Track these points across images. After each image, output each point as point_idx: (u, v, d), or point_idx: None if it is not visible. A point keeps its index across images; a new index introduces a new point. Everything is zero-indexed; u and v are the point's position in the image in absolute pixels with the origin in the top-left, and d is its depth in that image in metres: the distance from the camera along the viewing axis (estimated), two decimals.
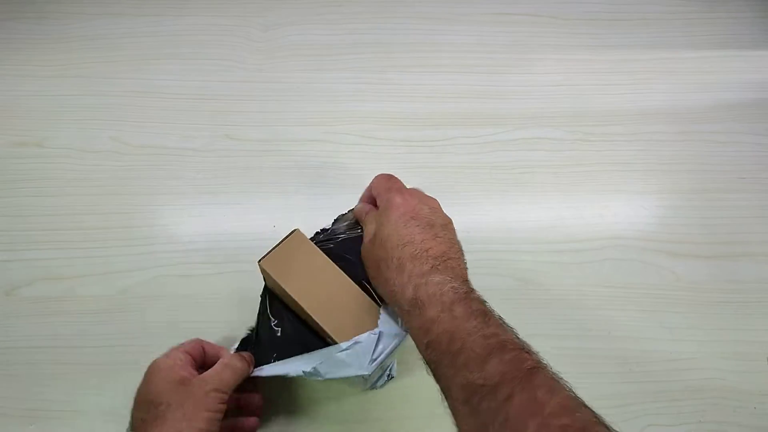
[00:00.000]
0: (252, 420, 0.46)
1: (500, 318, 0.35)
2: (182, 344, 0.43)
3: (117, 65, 0.66)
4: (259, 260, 0.42)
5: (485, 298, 0.37)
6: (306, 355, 0.41)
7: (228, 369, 0.41)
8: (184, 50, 0.67)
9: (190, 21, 0.69)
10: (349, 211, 0.48)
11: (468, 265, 0.40)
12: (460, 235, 0.41)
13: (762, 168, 0.64)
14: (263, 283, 0.46)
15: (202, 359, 0.44)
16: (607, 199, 0.62)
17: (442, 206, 0.43)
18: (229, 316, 0.53)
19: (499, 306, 0.34)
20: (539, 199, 0.61)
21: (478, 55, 0.69)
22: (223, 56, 0.67)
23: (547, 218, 0.60)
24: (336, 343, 0.39)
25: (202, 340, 0.45)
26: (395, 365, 0.50)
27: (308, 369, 0.40)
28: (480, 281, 0.53)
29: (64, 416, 0.51)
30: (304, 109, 0.65)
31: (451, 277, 0.37)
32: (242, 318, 0.48)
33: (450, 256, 0.38)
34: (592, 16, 0.72)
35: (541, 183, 0.62)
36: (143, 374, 0.40)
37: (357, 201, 0.48)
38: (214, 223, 0.58)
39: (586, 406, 0.30)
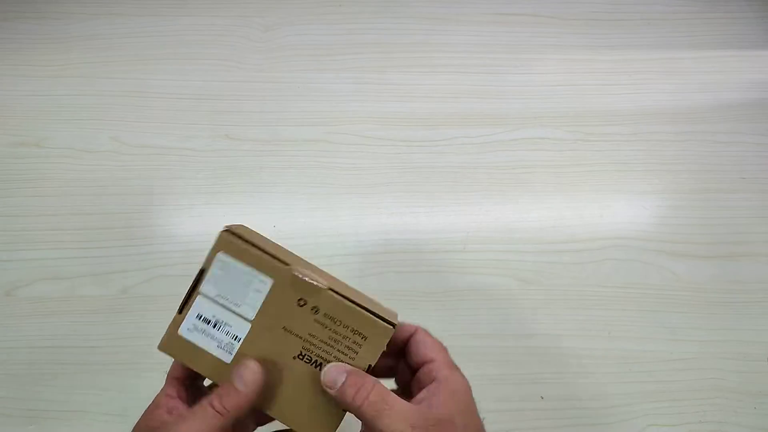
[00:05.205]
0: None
1: None
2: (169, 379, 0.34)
3: (117, 65, 0.66)
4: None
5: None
6: None
7: (192, 418, 0.30)
8: (184, 50, 0.67)
9: (190, 21, 0.69)
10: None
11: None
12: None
13: (763, 168, 0.64)
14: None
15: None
16: (607, 199, 0.62)
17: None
18: None
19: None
20: (539, 199, 0.61)
21: (478, 55, 0.69)
22: (223, 56, 0.67)
23: (548, 218, 0.60)
24: None
25: None
26: None
27: None
28: (480, 281, 0.53)
29: (64, 416, 0.51)
30: (304, 109, 0.65)
31: None
32: None
33: None
34: (593, 16, 0.71)
35: (542, 183, 0.62)
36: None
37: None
38: (214, 223, 0.58)
39: None
